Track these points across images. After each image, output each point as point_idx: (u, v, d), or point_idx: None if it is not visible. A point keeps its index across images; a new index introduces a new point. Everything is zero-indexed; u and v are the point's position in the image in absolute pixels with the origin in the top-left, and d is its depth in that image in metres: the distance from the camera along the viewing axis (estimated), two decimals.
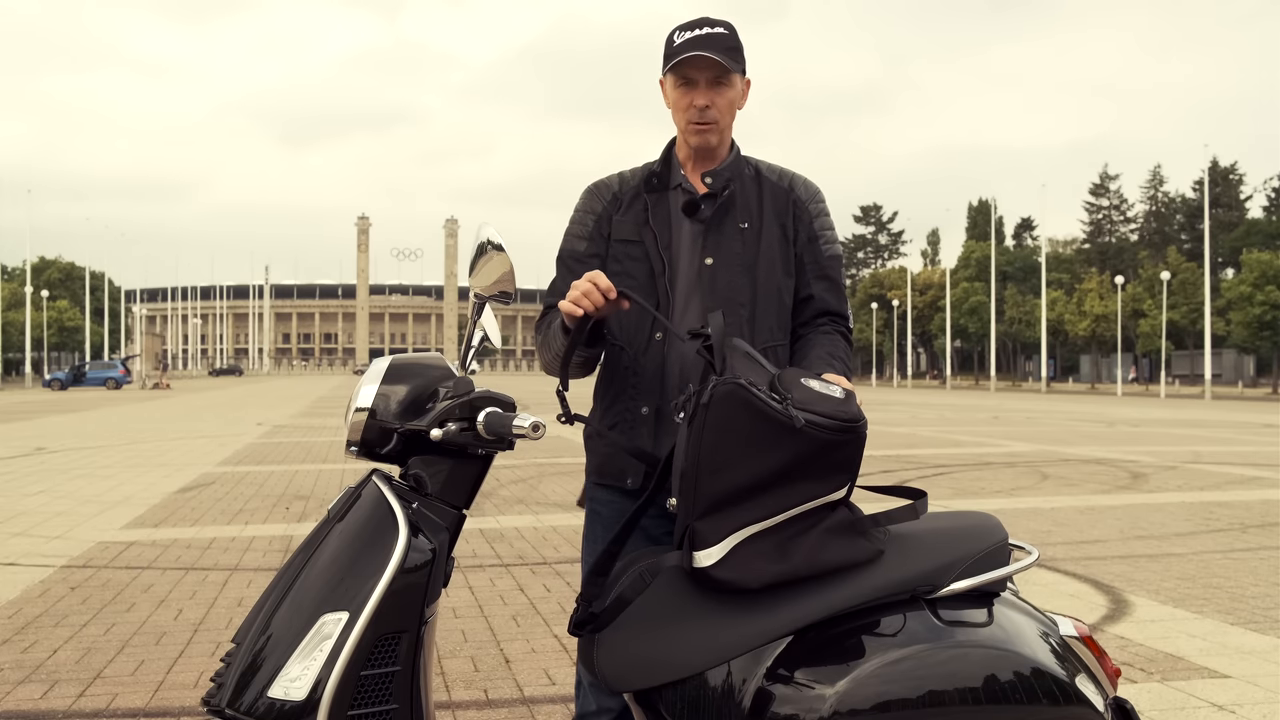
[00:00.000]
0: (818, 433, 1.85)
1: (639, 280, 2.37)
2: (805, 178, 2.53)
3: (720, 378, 1.93)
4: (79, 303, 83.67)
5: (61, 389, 57.89)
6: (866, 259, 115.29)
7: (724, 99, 2.36)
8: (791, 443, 1.85)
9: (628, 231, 2.42)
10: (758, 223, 2.42)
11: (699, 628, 1.93)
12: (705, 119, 2.35)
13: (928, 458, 14.50)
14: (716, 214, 2.39)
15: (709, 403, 1.88)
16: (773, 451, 1.86)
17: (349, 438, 2.09)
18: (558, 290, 2.43)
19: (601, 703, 2.35)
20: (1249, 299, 56.33)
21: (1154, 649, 4.72)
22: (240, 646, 1.92)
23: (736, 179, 2.43)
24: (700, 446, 1.89)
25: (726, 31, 2.33)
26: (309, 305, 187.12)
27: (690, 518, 1.90)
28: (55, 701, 3.99)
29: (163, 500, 9.91)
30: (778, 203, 2.45)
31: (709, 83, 2.34)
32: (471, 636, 4.94)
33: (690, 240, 2.40)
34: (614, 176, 2.53)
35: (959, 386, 76.22)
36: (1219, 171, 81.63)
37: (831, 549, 1.92)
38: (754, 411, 1.86)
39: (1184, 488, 10.99)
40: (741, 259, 2.38)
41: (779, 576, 1.90)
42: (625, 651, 1.96)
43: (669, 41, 2.36)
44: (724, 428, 1.87)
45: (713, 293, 2.35)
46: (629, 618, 1.97)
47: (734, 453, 1.87)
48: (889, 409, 32.39)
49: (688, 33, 2.32)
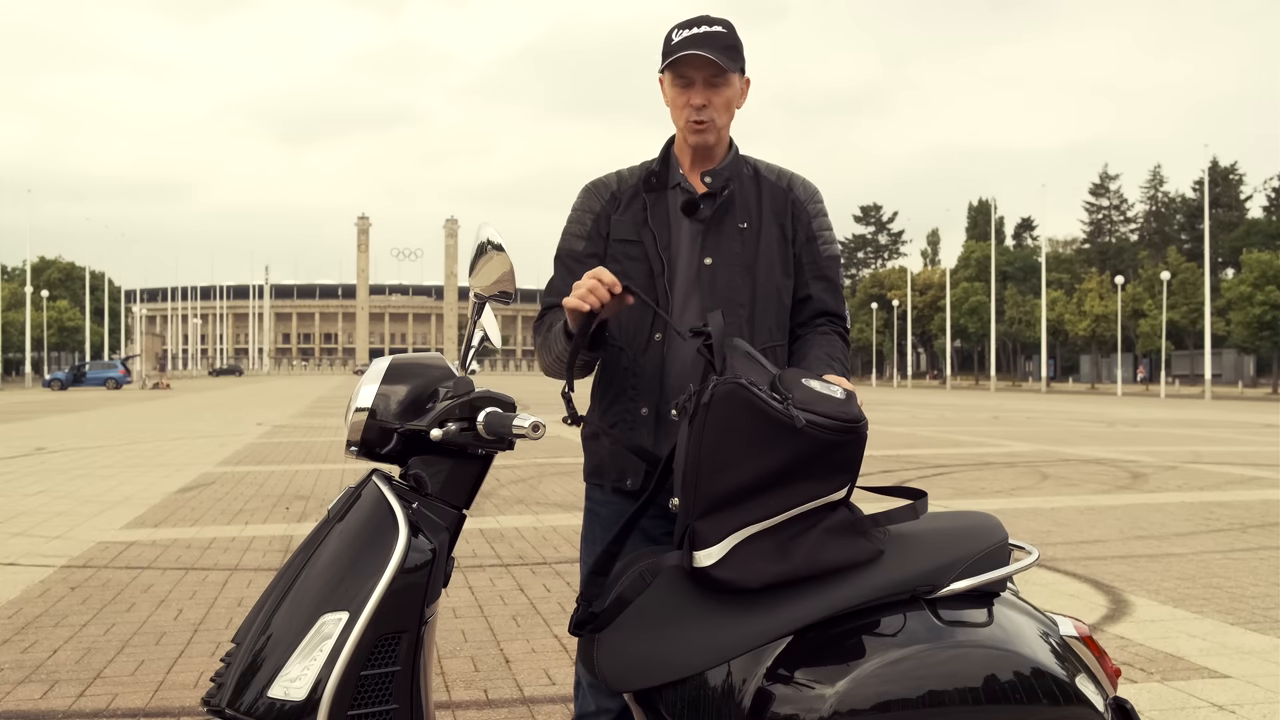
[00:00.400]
0: (819, 433, 1.85)
1: (638, 280, 2.36)
2: (803, 177, 2.53)
3: (721, 377, 1.93)
4: (79, 303, 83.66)
5: (61, 389, 57.88)
6: (866, 259, 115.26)
7: (721, 98, 2.35)
8: (792, 443, 1.85)
9: (626, 231, 2.42)
10: (756, 222, 2.41)
11: (699, 628, 1.93)
12: (702, 118, 2.34)
13: (928, 458, 14.50)
14: (716, 214, 2.39)
15: (710, 402, 1.88)
16: (773, 451, 1.86)
17: (349, 438, 2.09)
18: (556, 290, 2.43)
19: (601, 703, 2.35)
20: (1249, 299, 56.33)
21: (1154, 649, 4.72)
22: (240, 646, 1.92)
23: (735, 178, 2.43)
24: (701, 446, 1.88)
25: (725, 30, 2.32)
26: (309, 305, 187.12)
27: (690, 517, 1.90)
28: (55, 701, 3.99)
29: (163, 500, 9.91)
30: (776, 202, 2.44)
31: (706, 82, 2.33)
32: (471, 636, 4.94)
33: (689, 240, 2.39)
34: (612, 175, 2.52)
35: (959, 386, 76.22)
36: (1219, 171, 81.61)
37: (831, 549, 1.92)
38: (755, 411, 1.86)
39: (1184, 488, 10.99)
40: (741, 259, 2.37)
41: (779, 576, 1.90)
42: (625, 651, 1.95)
43: (667, 39, 2.35)
44: (725, 427, 1.87)
45: (712, 293, 2.35)
46: (629, 618, 1.97)
47: (735, 452, 1.87)
48: (889, 409, 32.40)
49: (686, 31, 2.32)
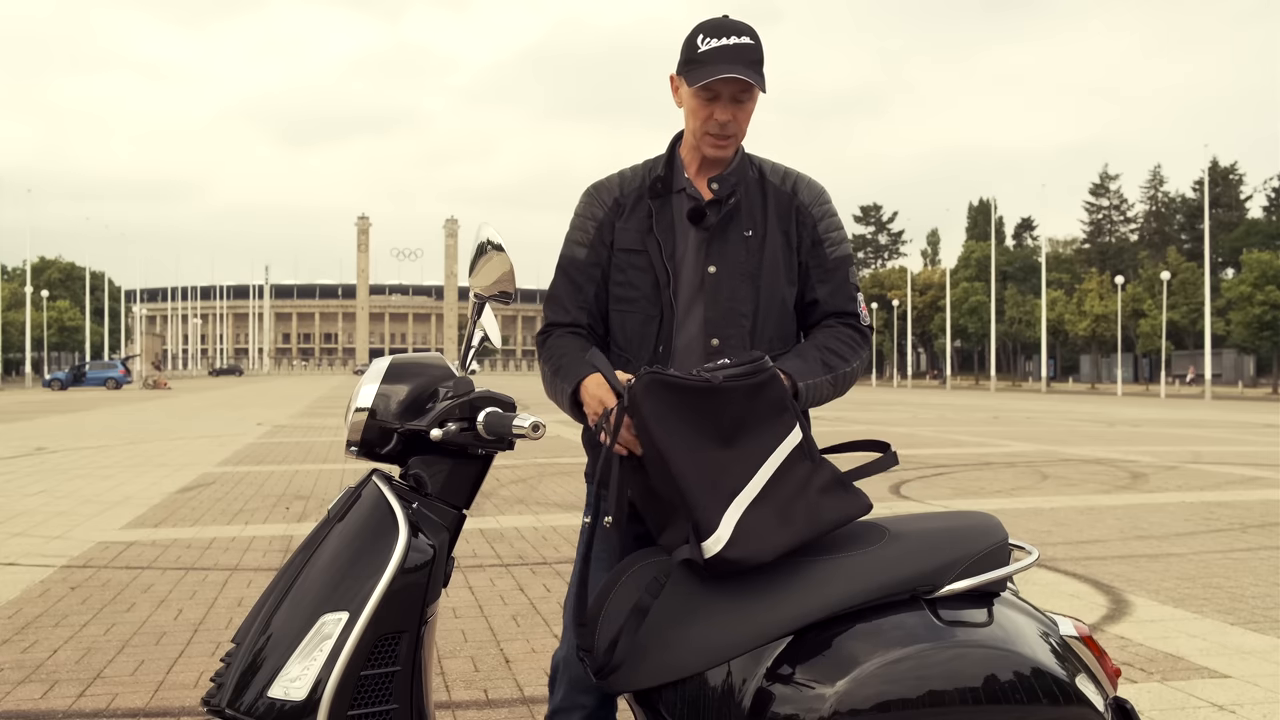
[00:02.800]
0: (736, 383, 1.98)
1: (643, 291, 2.34)
2: (809, 178, 2.47)
3: (630, 380, 2.01)
4: (79, 303, 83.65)
5: (61, 389, 57.86)
6: (867, 259, 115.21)
7: (745, 113, 2.29)
8: (722, 401, 1.97)
9: (631, 240, 2.37)
10: (761, 229, 2.37)
11: (698, 628, 1.94)
12: (725, 132, 2.29)
13: (928, 458, 14.49)
14: (721, 221, 2.34)
15: (636, 401, 1.96)
16: (711, 417, 1.96)
17: (349, 438, 2.10)
18: (559, 300, 2.41)
19: (576, 699, 2.35)
20: (1249, 299, 56.34)
21: (1154, 649, 4.72)
22: (240, 646, 1.92)
23: (742, 183, 2.38)
24: (653, 440, 1.94)
25: (753, 42, 2.24)
26: (309, 305, 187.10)
27: (683, 509, 1.94)
28: (55, 701, 3.99)
29: (163, 500, 9.91)
30: (781, 208, 2.39)
31: (733, 97, 2.26)
32: (471, 636, 4.94)
33: (694, 248, 2.35)
34: (614, 177, 2.47)
35: (959, 386, 76.20)
36: (1219, 171, 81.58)
37: (828, 507, 2.00)
38: (676, 389, 1.96)
39: (1184, 488, 10.98)
40: (745, 267, 2.34)
41: (788, 544, 1.94)
42: (626, 651, 1.96)
43: (692, 44, 2.26)
44: (660, 414, 1.94)
45: (715, 302, 2.32)
46: (626, 617, 1.97)
47: (681, 431, 1.94)
48: (889, 409, 32.39)
49: (714, 41, 2.22)
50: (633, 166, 2.49)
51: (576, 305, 2.40)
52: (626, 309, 2.37)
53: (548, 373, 2.33)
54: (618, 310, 2.38)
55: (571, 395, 2.22)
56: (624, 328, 2.36)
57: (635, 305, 2.36)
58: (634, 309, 2.36)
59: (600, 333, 2.41)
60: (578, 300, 2.40)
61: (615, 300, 2.39)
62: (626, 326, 2.36)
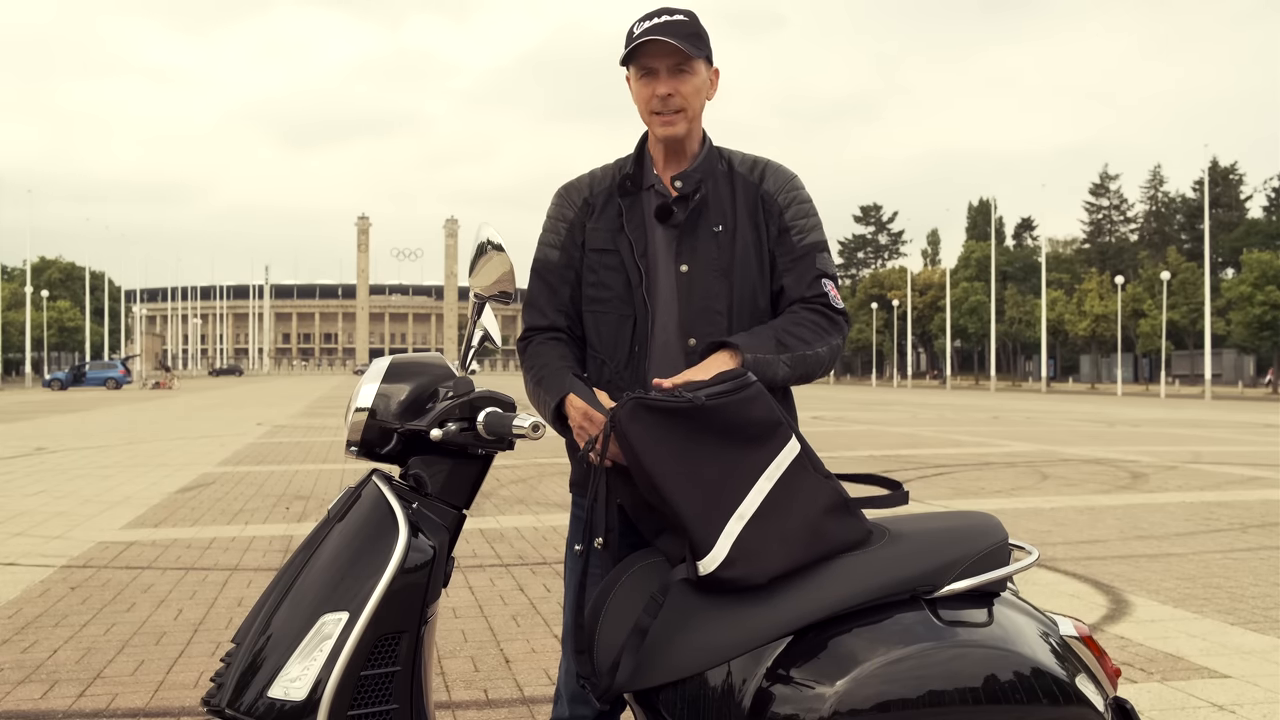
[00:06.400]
0: (722, 400, 1.95)
1: (616, 291, 2.32)
2: (778, 165, 2.42)
3: (613, 406, 1.99)
4: (79, 303, 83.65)
5: (61, 389, 57.85)
6: (866, 259, 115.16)
7: (688, 86, 2.27)
8: (708, 421, 1.94)
9: (602, 240, 2.35)
10: (731, 224, 2.33)
11: (699, 628, 1.94)
12: (669, 107, 2.27)
13: (928, 458, 14.49)
14: (690, 218, 2.31)
15: (621, 427, 1.93)
16: (698, 436, 1.93)
17: (349, 438, 2.10)
18: (536, 304, 2.40)
19: (576, 710, 2.32)
20: (1249, 299, 56.37)
21: (1154, 649, 4.72)
22: (240, 646, 1.92)
23: (709, 178, 2.34)
24: (642, 465, 1.92)
25: (687, 18, 2.26)
26: (309, 305, 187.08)
27: (687, 529, 1.92)
28: (55, 701, 3.99)
29: (163, 500, 9.91)
30: (749, 200, 2.35)
31: (670, 70, 2.25)
32: (471, 636, 4.94)
33: (665, 246, 2.32)
34: (585, 177, 2.44)
35: (959, 386, 76.19)
36: (1219, 171, 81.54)
37: (831, 530, 1.97)
38: (659, 411, 1.93)
39: (1184, 488, 10.98)
40: (717, 264, 2.30)
41: (783, 567, 1.92)
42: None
43: (629, 34, 2.28)
44: (647, 439, 1.92)
45: (689, 301, 2.29)
46: (628, 620, 1.96)
47: (670, 453, 1.92)
48: (889, 409, 32.39)
49: (647, 22, 2.25)
50: (604, 166, 2.46)
51: (554, 309, 2.38)
52: (600, 310, 2.34)
53: (530, 382, 2.32)
54: (591, 311, 2.35)
55: (555, 409, 2.20)
56: (598, 329, 2.34)
57: (609, 306, 2.33)
58: (608, 309, 2.33)
59: (579, 334, 2.40)
60: (554, 303, 2.38)
61: (589, 301, 2.36)
62: (601, 328, 2.33)
